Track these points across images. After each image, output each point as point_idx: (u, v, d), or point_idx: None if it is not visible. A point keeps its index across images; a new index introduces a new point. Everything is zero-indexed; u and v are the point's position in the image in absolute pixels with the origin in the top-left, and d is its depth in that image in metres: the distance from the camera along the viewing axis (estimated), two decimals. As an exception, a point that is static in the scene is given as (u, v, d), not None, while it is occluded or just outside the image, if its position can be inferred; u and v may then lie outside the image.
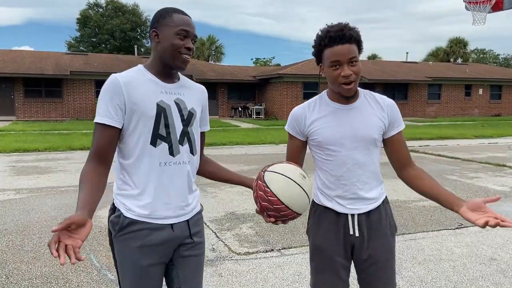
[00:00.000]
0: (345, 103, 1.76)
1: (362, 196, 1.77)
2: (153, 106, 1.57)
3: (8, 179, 7.27)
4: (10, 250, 3.92)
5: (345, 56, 1.64)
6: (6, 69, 22.12)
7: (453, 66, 34.03)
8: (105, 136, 1.55)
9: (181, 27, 1.58)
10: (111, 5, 45.14)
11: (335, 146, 1.74)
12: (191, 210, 1.71)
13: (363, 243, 1.79)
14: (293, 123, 1.83)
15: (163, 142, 1.60)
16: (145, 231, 1.59)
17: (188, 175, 1.68)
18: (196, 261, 1.73)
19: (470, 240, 4.22)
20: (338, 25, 1.66)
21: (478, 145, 13.00)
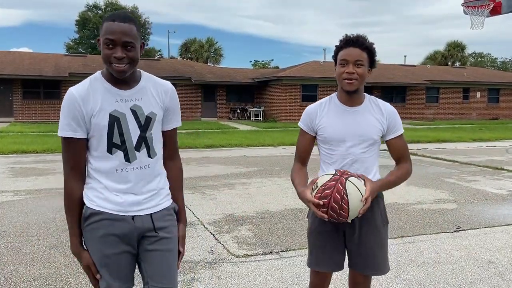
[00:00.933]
0: (351, 105, 2.03)
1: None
2: (106, 117, 1.63)
3: (6, 181, 7.26)
4: (8, 252, 3.92)
5: (352, 57, 1.93)
6: (4, 70, 22.10)
7: (451, 69, 34.14)
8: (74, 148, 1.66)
9: (106, 36, 1.58)
10: (110, 7, 45.16)
11: (337, 142, 2.02)
12: (154, 205, 1.75)
13: (354, 229, 2.03)
14: (307, 119, 2.10)
15: (118, 150, 1.66)
16: (106, 221, 1.68)
17: (147, 176, 1.74)
18: (162, 256, 1.74)
19: (468, 243, 4.24)
20: (357, 35, 1.99)
21: (476, 148, 13.04)
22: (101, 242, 1.68)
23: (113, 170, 1.67)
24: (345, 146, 2.01)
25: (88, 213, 1.69)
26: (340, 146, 2.02)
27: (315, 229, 2.11)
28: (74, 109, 1.62)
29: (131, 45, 1.60)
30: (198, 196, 6.25)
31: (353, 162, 2.01)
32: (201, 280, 3.34)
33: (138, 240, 1.73)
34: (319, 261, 2.10)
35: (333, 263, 2.10)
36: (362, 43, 1.95)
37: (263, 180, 7.50)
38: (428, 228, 4.75)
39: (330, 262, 2.09)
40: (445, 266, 3.63)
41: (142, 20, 46.63)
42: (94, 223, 1.69)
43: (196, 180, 7.48)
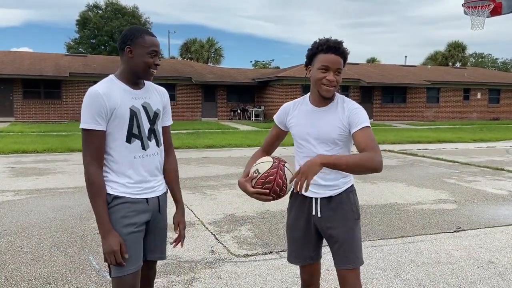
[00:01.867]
0: (318, 106, 2.09)
1: (320, 183, 2.08)
2: (127, 111, 1.93)
3: (6, 181, 7.27)
4: (9, 251, 3.92)
5: (334, 64, 1.97)
6: (5, 70, 22.11)
7: (452, 70, 34.14)
8: (98, 139, 1.89)
9: (152, 48, 1.94)
10: (111, 7, 45.16)
11: (302, 141, 2.11)
12: (161, 189, 2.10)
13: (323, 223, 2.11)
14: (281, 114, 2.21)
15: (136, 140, 1.97)
16: (126, 204, 1.95)
17: (156, 163, 2.06)
18: (162, 233, 2.13)
19: (468, 243, 4.24)
20: (336, 40, 2.01)
21: (476, 148, 13.04)
22: (120, 222, 1.92)
23: (132, 157, 1.96)
24: (310, 145, 2.08)
25: (112, 198, 1.94)
26: (305, 145, 2.09)
27: (290, 224, 2.22)
28: (99, 104, 1.86)
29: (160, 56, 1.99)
30: (199, 196, 6.26)
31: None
32: (201, 279, 3.34)
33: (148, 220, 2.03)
34: (294, 255, 2.21)
35: (306, 255, 2.18)
36: (343, 51, 1.99)
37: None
38: (428, 228, 4.75)
39: (303, 255, 2.18)
40: (445, 266, 3.64)
41: (143, 20, 46.62)
42: (115, 206, 1.93)
43: (196, 180, 7.49)
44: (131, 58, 1.93)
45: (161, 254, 2.15)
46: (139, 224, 1.97)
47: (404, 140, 14.61)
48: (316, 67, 2.00)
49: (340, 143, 2.06)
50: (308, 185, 1.78)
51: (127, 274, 1.91)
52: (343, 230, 2.07)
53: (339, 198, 2.10)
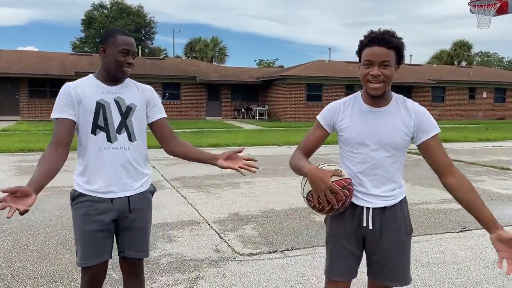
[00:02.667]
0: (376, 106, 1.87)
1: (374, 193, 1.88)
2: (93, 103, 2.00)
3: (13, 179, 7.31)
4: (15, 249, 3.95)
5: (378, 57, 1.75)
6: (11, 69, 22.25)
7: (457, 69, 33.95)
8: (61, 126, 1.98)
9: (123, 47, 1.99)
10: (116, 6, 45.31)
11: (358, 145, 1.87)
12: (132, 189, 2.08)
13: (374, 236, 1.90)
14: (328, 114, 1.95)
15: (101, 131, 2.01)
16: (88, 202, 2.01)
17: (127, 158, 2.05)
18: (136, 232, 2.11)
19: (474, 243, 4.22)
20: (383, 31, 1.80)
21: (482, 148, 12.97)
22: (82, 219, 2.01)
23: (97, 148, 2.00)
24: (367, 150, 1.86)
25: (76, 194, 2.04)
26: (361, 149, 1.87)
27: (335, 234, 1.97)
28: (66, 95, 1.99)
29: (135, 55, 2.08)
30: (203, 195, 6.27)
31: (374, 167, 1.87)
32: (206, 278, 3.35)
33: (115, 219, 2.06)
34: (339, 269, 1.94)
35: (349, 270, 1.94)
36: (389, 41, 1.76)
37: (268, 179, 7.51)
38: (434, 228, 4.74)
39: (347, 269, 1.94)
40: (450, 266, 3.62)
41: (147, 19, 46.75)
42: (79, 203, 2.03)
43: (200, 179, 7.50)
44: (105, 57, 2.02)
45: (136, 252, 2.14)
46: (103, 223, 2.01)
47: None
48: (362, 63, 1.82)
49: (401, 148, 1.87)
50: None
51: (88, 266, 2.04)
52: (394, 244, 1.89)
53: (393, 210, 1.90)
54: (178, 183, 7.07)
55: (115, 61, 1.99)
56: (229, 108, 26.68)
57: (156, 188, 2.29)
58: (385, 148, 1.84)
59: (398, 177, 1.93)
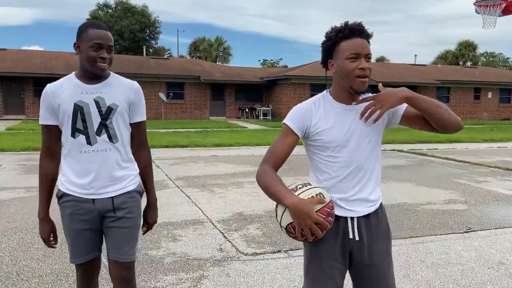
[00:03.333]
0: (348, 103, 1.73)
1: (363, 198, 1.74)
2: (71, 106, 1.94)
3: (18, 178, 7.35)
4: (20, 247, 3.97)
5: (364, 49, 1.64)
6: (16, 68, 22.37)
7: (462, 69, 33.82)
8: (48, 133, 2.01)
9: (94, 41, 1.90)
10: (121, 6, 45.43)
11: (339, 147, 1.71)
12: (116, 190, 2.02)
13: (362, 247, 1.73)
14: (299, 118, 1.72)
15: (80, 134, 1.96)
16: (72, 202, 2.00)
17: (109, 159, 2.00)
18: (120, 233, 2.03)
19: (479, 244, 4.20)
20: (357, 22, 1.67)
21: (487, 149, 12.91)
22: (69, 219, 2.02)
23: (78, 151, 1.97)
24: (349, 151, 1.71)
25: (60, 194, 2.04)
26: (343, 151, 1.71)
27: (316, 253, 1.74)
28: (47, 101, 1.98)
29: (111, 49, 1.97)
30: (207, 194, 6.28)
31: (359, 169, 1.72)
32: (210, 277, 3.36)
33: (100, 219, 2.03)
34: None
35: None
36: (369, 33, 1.67)
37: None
38: (438, 229, 4.72)
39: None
40: (455, 267, 3.61)
41: (152, 19, 46.83)
42: (64, 202, 2.03)
43: (204, 178, 7.51)
44: (79, 54, 1.94)
45: (119, 255, 2.02)
46: (88, 221, 2.02)
47: (413, 140, 14.50)
48: (342, 57, 1.65)
49: (379, 141, 1.78)
50: (379, 117, 1.59)
51: (78, 264, 2.11)
52: (382, 254, 1.76)
53: (375, 215, 1.77)
54: (182, 183, 7.08)
55: (87, 57, 1.90)
56: (233, 108, 26.69)
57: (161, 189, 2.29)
58: (367, 145, 1.73)
59: (379, 176, 1.80)
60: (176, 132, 16.22)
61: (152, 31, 47.20)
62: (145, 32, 46.32)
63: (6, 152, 10.58)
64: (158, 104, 24.08)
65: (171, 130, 17.26)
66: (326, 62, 1.74)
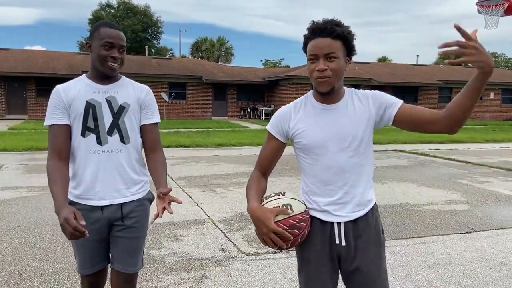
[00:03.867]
0: (329, 103, 1.67)
1: (351, 202, 1.68)
2: (83, 104, 1.88)
3: (20, 177, 7.38)
4: (23, 247, 3.99)
5: (321, 49, 1.57)
6: (18, 68, 22.43)
7: (464, 69, 33.75)
8: (58, 134, 1.87)
9: (105, 40, 1.85)
10: (123, 6, 45.50)
11: (319, 149, 1.66)
12: (126, 196, 1.93)
13: (349, 253, 1.68)
14: (277, 122, 1.75)
15: (91, 133, 1.89)
16: (80, 211, 1.77)
17: (119, 162, 1.91)
18: (127, 243, 1.95)
19: (480, 245, 4.20)
20: (325, 20, 1.60)
21: (489, 149, 12.88)
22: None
23: (87, 151, 1.88)
24: (330, 153, 1.65)
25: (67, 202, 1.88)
26: (324, 153, 1.65)
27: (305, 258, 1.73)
28: (58, 98, 1.88)
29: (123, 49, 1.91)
30: (209, 194, 6.29)
31: (342, 171, 1.66)
32: (211, 277, 3.36)
33: (108, 227, 1.95)
34: None
35: None
36: (332, 30, 1.56)
37: (273, 179, 7.51)
38: (440, 229, 4.71)
39: None
40: (456, 268, 3.61)
41: (154, 19, 46.89)
42: None
43: (206, 178, 7.52)
44: (91, 53, 1.90)
45: (124, 266, 1.95)
46: (96, 232, 1.91)
47: (415, 140, 14.48)
48: (307, 59, 1.62)
49: (366, 141, 1.67)
50: (456, 63, 1.41)
51: (85, 275, 2.01)
52: (371, 260, 1.69)
53: (365, 220, 1.70)
54: (184, 182, 7.09)
55: (98, 56, 1.86)
56: (235, 108, 26.70)
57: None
58: (350, 146, 1.64)
59: (369, 177, 1.72)
60: (178, 132, 16.23)
61: (154, 31, 47.25)
62: (147, 32, 46.38)
63: (8, 152, 10.61)
64: (160, 104, 24.10)
65: (173, 130, 17.27)
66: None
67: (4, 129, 16.30)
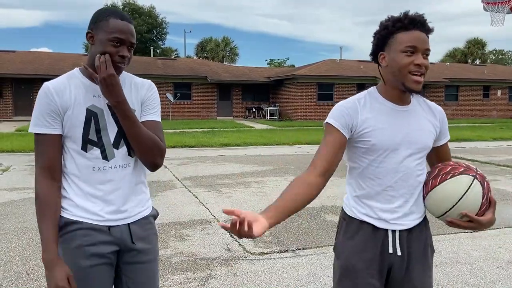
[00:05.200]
0: (401, 103, 1.55)
1: (409, 210, 1.56)
2: (83, 111, 1.53)
3: (28, 178, 7.43)
4: (30, 247, 4.02)
5: (423, 43, 1.46)
6: (25, 70, 22.61)
7: (471, 67, 33.52)
8: (48, 146, 1.53)
9: (115, 35, 1.50)
10: (128, 7, 45.70)
11: (389, 151, 1.53)
12: (133, 214, 1.63)
13: (403, 263, 1.56)
14: (343, 114, 1.52)
15: (94, 147, 1.55)
16: (82, 231, 1.55)
17: (127, 178, 1.61)
18: (142, 269, 1.65)
19: (488, 244, 4.17)
20: (419, 13, 1.50)
21: (496, 147, 12.79)
22: (75, 253, 1.54)
23: (90, 169, 1.56)
24: (399, 157, 1.53)
25: (63, 222, 1.56)
26: (392, 156, 1.52)
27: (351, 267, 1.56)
28: (49, 102, 1.51)
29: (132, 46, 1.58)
30: (214, 194, 6.30)
31: (407, 177, 1.54)
32: (217, 276, 3.37)
33: (116, 251, 1.61)
34: None
35: None
36: (430, 27, 1.48)
37: (279, 178, 7.51)
38: (447, 228, 4.68)
39: None
40: (463, 266, 3.59)
41: (159, 20, 47.05)
42: (69, 232, 1.55)
43: (212, 178, 7.53)
44: (93, 46, 1.54)
45: None
46: (101, 255, 1.56)
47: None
48: (397, 50, 1.46)
49: (429, 148, 1.60)
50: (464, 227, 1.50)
51: None
52: (423, 272, 1.59)
53: (418, 229, 1.60)
54: (190, 183, 7.11)
55: (103, 52, 1.50)
56: (240, 107, 26.72)
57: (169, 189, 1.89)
58: (418, 153, 1.55)
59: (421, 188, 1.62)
60: (183, 133, 16.28)
61: (159, 32, 47.41)
62: (152, 33, 46.55)
63: (16, 153, 10.71)
64: (165, 105, 24.18)
65: (179, 130, 17.32)
66: (377, 54, 1.55)
67: (12, 131, 16.45)
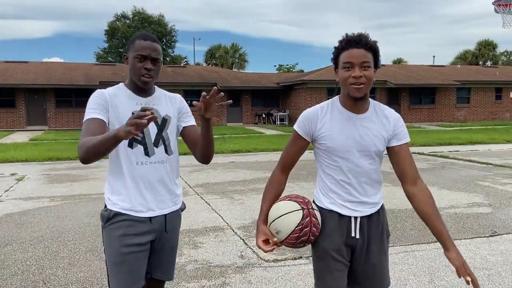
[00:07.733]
0: (357, 112, 1.83)
1: (364, 201, 1.85)
2: (129, 114, 1.86)
3: (42, 187, 7.53)
4: (46, 256, 4.06)
5: (358, 58, 1.73)
6: (38, 80, 22.95)
7: (482, 69, 33.15)
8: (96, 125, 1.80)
9: (139, 52, 1.86)
10: (138, 16, 46.21)
11: (342, 154, 1.82)
12: (169, 207, 1.98)
13: (363, 246, 1.86)
14: (305, 123, 1.87)
15: (138, 145, 1.89)
16: (127, 222, 1.87)
17: (164, 173, 1.95)
18: (166, 253, 2.02)
19: (505, 248, 4.10)
20: (358, 33, 1.79)
21: (510, 150, 12.60)
22: (119, 240, 1.86)
23: (134, 163, 1.88)
24: (352, 158, 1.82)
25: (112, 214, 1.88)
26: (346, 157, 1.82)
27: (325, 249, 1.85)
28: (101, 98, 1.86)
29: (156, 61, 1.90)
30: (227, 201, 6.31)
31: (360, 175, 1.84)
32: (232, 284, 3.37)
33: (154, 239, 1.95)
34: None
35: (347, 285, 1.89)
36: (366, 42, 1.74)
37: (290, 184, 7.49)
38: (463, 233, 4.63)
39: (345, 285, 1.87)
40: (481, 272, 3.53)
41: (168, 28, 47.47)
42: (115, 223, 1.88)
43: (223, 185, 7.54)
44: (128, 65, 1.93)
45: (164, 274, 2.04)
46: (141, 244, 1.88)
47: (434, 142, 14.27)
48: (340, 67, 1.77)
49: (381, 154, 1.87)
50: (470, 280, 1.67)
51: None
52: (379, 252, 1.89)
53: (376, 217, 1.89)
54: (202, 190, 7.13)
55: (132, 67, 1.88)
56: (250, 113, 26.77)
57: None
58: (370, 155, 1.83)
59: (380, 182, 1.92)
60: (194, 139, 16.32)
61: (168, 40, 47.80)
62: (162, 41, 46.93)
63: (30, 162, 10.85)
64: (176, 112, 24.38)
65: (189, 137, 17.37)
66: (336, 71, 1.86)
67: (26, 140, 16.67)
